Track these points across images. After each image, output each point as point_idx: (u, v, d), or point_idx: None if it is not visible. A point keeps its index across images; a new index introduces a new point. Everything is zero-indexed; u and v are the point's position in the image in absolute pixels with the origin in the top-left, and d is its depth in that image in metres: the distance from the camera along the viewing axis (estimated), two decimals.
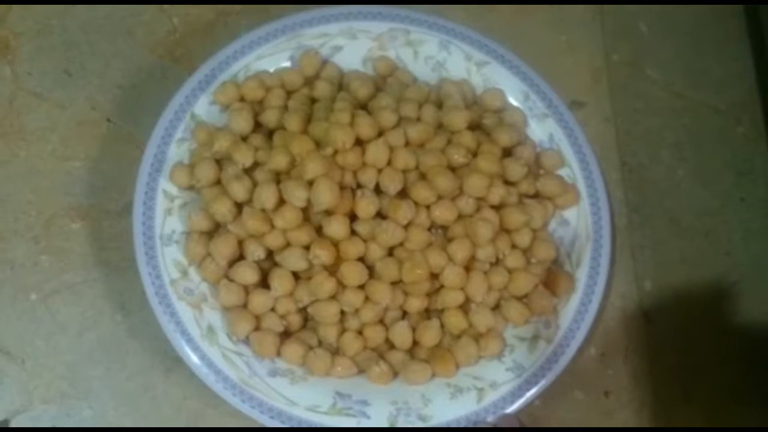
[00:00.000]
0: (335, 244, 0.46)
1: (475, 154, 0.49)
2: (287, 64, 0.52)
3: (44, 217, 0.51)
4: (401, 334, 0.47)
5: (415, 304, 0.47)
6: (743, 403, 0.52)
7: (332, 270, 0.46)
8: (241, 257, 0.47)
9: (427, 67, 0.53)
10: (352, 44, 0.52)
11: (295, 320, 0.48)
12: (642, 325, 0.53)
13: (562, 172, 0.52)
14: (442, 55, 0.53)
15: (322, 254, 0.45)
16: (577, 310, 0.49)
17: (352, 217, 0.47)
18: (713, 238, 0.56)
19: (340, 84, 0.52)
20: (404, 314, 0.48)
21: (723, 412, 0.52)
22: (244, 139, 0.48)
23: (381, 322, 0.48)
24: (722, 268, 0.55)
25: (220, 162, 0.48)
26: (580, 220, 0.51)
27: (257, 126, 0.49)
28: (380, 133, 0.47)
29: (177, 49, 0.55)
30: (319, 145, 0.47)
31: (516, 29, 0.58)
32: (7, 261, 0.50)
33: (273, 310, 0.47)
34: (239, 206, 0.47)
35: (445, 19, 0.54)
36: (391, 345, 0.48)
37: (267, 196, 0.45)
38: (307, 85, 0.51)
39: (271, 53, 0.51)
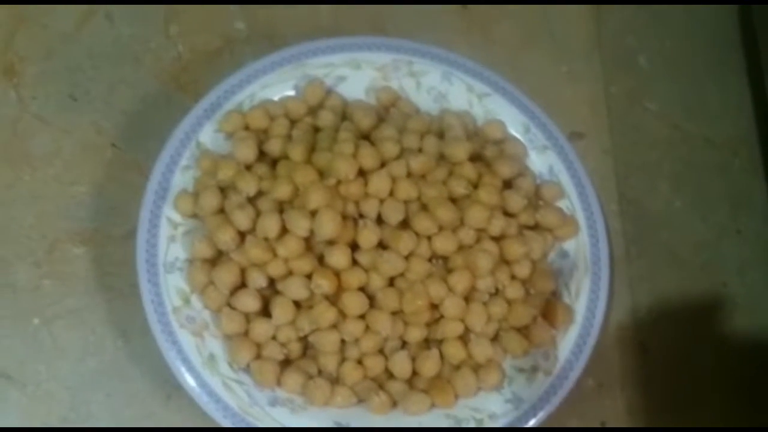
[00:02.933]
0: (337, 274, 0.46)
1: (476, 186, 0.49)
2: (291, 93, 0.52)
3: (47, 242, 0.51)
4: (401, 364, 0.47)
5: (415, 334, 0.48)
6: None
7: (333, 299, 0.47)
8: (243, 285, 0.47)
9: (429, 97, 0.54)
10: (355, 74, 0.53)
11: (295, 348, 0.48)
12: (639, 355, 0.54)
13: (562, 203, 0.52)
14: (444, 86, 0.54)
15: (324, 284, 0.46)
16: (576, 342, 0.49)
17: (354, 247, 0.47)
18: (709, 270, 0.57)
19: (344, 113, 0.52)
20: (404, 344, 0.48)
21: None
22: (248, 167, 0.49)
23: (381, 351, 0.48)
24: (718, 300, 0.56)
25: (224, 190, 0.48)
26: (579, 252, 0.51)
27: (261, 155, 0.50)
28: (383, 164, 0.48)
29: (182, 76, 0.55)
30: (322, 174, 0.47)
31: (517, 60, 0.59)
32: (9, 285, 0.50)
33: (274, 338, 0.47)
34: (242, 235, 0.47)
35: (447, 50, 0.54)
36: (390, 375, 0.48)
37: (270, 225, 0.46)
38: (311, 114, 0.52)
39: (276, 82, 0.52)
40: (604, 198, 0.55)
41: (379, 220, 0.47)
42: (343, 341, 0.47)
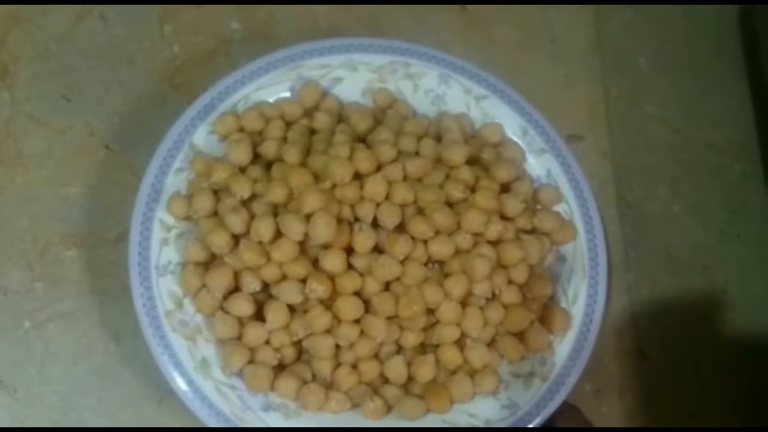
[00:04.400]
0: (332, 278, 0.46)
1: (473, 189, 0.49)
2: (287, 94, 0.52)
3: (39, 244, 0.50)
4: (396, 369, 0.47)
5: (411, 339, 0.47)
6: None
7: (328, 304, 0.46)
8: (236, 289, 0.47)
9: (426, 100, 0.53)
10: (352, 76, 0.53)
11: (289, 353, 0.47)
12: (637, 361, 0.53)
13: (560, 207, 0.52)
14: (441, 89, 0.53)
15: (319, 288, 0.45)
16: (573, 348, 0.49)
17: (349, 251, 0.47)
18: (709, 275, 0.56)
19: (340, 116, 0.52)
20: (399, 349, 0.48)
21: None
22: (243, 170, 0.48)
23: (376, 356, 0.47)
24: (718, 305, 0.55)
25: (217, 193, 0.48)
26: (577, 257, 0.51)
27: (256, 157, 0.49)
28: (379, 167, 0.47)
29: (177, 77, 0.55)
30: (317, 177, 0.47)
31: (515, 63, 0.58)
32: (0, 288, 0.49)
33: (267, 342, 0.47)
34: (236, 238, 0.46)
35: (445, 52, 0.54)
36: (385, 380, 0.48)
37: (264, 228, 0.45)
38: (307, 116, 0.51)
39: (271, 84, 0.51)
40: (602, 202, 0.55)
41: (375, 224, 0.47)
42: (337, 346, 0.47)
